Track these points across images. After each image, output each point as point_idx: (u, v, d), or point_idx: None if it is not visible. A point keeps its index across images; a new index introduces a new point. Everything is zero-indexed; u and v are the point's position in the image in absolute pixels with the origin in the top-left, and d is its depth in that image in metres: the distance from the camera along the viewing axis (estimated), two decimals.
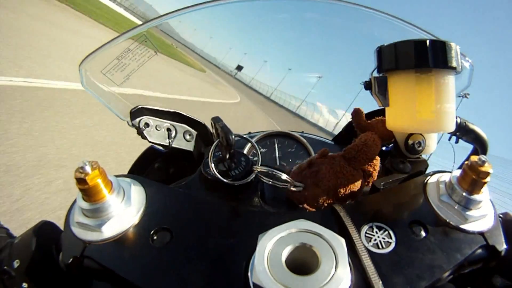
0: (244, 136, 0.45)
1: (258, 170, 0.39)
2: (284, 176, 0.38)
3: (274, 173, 0.37)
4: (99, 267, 0.30)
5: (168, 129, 0.68)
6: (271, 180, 0.37)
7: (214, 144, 0.40)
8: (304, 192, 0.39)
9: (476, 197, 0.33)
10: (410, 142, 0.45)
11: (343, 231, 0.31)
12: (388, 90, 0.43)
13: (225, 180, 0.38)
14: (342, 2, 0.61)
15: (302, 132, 0.80)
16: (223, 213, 0.35)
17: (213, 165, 0.38)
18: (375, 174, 0.44)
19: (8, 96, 2.76)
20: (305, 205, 0.39)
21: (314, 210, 0.40)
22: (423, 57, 0.39)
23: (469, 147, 0.71)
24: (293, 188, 0.38)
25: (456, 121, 0.63)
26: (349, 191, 0.40)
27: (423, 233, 0.32)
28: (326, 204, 0.39)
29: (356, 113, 0.52)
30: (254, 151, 0.42)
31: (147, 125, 0.65)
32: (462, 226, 0.33)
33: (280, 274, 0.25)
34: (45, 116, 2.79)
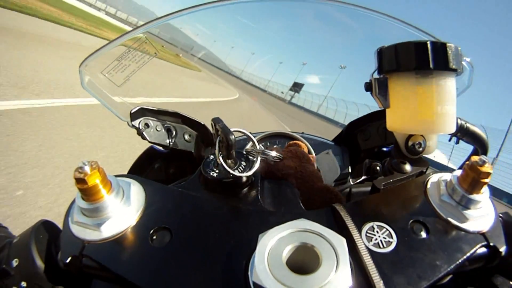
0: (240, 130, 0.45)
1: (250, 150, 0.43)
2: (273, 153, 0.47)
3: (266, 152, 0.45)
4: (98, 266, 0.30)
5: (168, 130, 0.68)
6: (264, 154, 0.45)
7: (217, 140, 0.40)
8: (281, 162, 0.50)
9: (476, 197, 0.33)
10: (410, 143, 0.45)
11: (343, 231, 0.31)
12: (388, 92, 0.43)
13: (231, 170, 0.38)
14: (344, 3, 0.61)
15: (302, 132, 0.80)
16: (223, 213, 0.34)
17: (220, 159, 0.38)
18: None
19: None
20: (282, 173, 0.50)
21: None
22: (423, 59, 0.39)
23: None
24: (274, 159, 0.49)
25: (457, 122, 0.63)
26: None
27: (424, 233, 0.32)
28: (297, 174, 0.50)
29: None
30: (254, 154, 0.42)
31: (147, 125, 0.65)
32: (462, 226, 0.33)
33: (281, 274, 0.25)
34: None
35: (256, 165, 0.40)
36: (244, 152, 0.43)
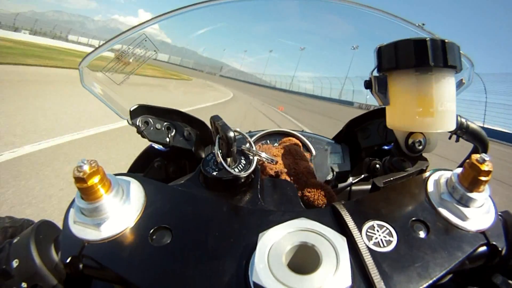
0: (238, 129, 0.45)
1: (246, 150, 0.43)
2: (263, 155, 0.46)
3: (259, 153, 0.44)
4: (98, 266, 0.30)
5: (168, 128, 0.68)
6: (257, 155, 0.44)
7: (217, 138, 0.40)
8: (276, 164, 0.51)
9: (476, 195, 0.33)
10: (410, 140, 0.44)
11: (344, 230, 0.31)
12: (388, 89, 0.43)
13: (229, 169, 0.38)
14: (344, 2, 0.60)
15: (303, 131, 0.80)
16: (223, 212, 0.34)
17: (220, 158, 0.38)
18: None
19: None
20: (275, 171, 0.52)
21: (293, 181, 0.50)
22: (423, 56, 0.39)
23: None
24: (269, 162, 0.48)
25: (456, 120, 0.63)
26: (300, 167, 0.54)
27: (424, 232, 0.32)
28: (290, 171, 0.52)
29: None
30: (252, 154, 0.42)
31: (146, 123, 0.65)
32: (462, 224, 0.33)
33: (281, 273, 0.25)
34: None
35: (253, 165, 0.40)
36: (241, 149, 0.43)
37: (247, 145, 0.43)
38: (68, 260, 0.30)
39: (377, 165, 0.70)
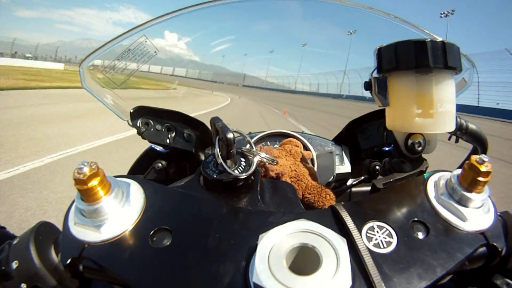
0: (238, 130, 0.45)
1: (246, 151, 0.43)
2: (263, 155, 0.45)
3: (259, 153, 0.44)
4: (98, 267, 0.30)
5: (168, 129, 0.68)
6: (258, 156, 0.43)
7: (217, 139, 0.40)
8: (277, 164, 0.50)
9: (476, 196, 0.33)
10: (410, 142, 0.44)
11: (344, 231, 0.31)
12: (388, 90, 0.43)
13: (230, 170, 0.38)
14: (344, 2, 0.61)
15: (303, 132, 0.80)
16: (223, 213, 0.34)
17: (220, 159, 0.38)
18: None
19: None
20: (276, 173, 0.51)
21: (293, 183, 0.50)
22: (423, 57, 0.39)
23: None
24: (269, 162, 0.48)
25: (456, 121, 0.62)
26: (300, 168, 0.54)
27: (424, 232, 0.32)
28: (291, 173, 0.52)
29: None
30: (252, 154, 0.42)
31: (147, 125, 0.65)
32: (462, 225, 0.33)
33: (281, 274, 0.25)
34: None
35: (253, 166, 0.40)
36: (241, 150, 0.43)
37: (247, 146, 0.43)
38: (68, 262, 0.30)
39: (377, 167, 0.70)
